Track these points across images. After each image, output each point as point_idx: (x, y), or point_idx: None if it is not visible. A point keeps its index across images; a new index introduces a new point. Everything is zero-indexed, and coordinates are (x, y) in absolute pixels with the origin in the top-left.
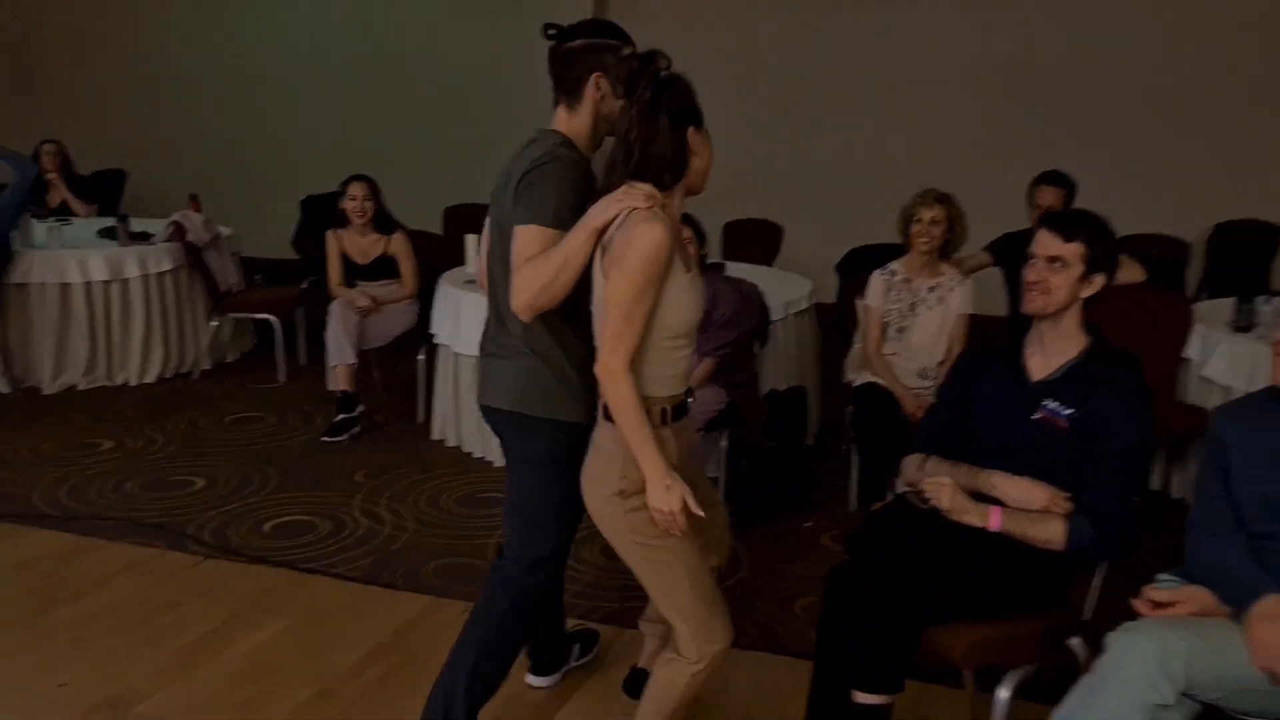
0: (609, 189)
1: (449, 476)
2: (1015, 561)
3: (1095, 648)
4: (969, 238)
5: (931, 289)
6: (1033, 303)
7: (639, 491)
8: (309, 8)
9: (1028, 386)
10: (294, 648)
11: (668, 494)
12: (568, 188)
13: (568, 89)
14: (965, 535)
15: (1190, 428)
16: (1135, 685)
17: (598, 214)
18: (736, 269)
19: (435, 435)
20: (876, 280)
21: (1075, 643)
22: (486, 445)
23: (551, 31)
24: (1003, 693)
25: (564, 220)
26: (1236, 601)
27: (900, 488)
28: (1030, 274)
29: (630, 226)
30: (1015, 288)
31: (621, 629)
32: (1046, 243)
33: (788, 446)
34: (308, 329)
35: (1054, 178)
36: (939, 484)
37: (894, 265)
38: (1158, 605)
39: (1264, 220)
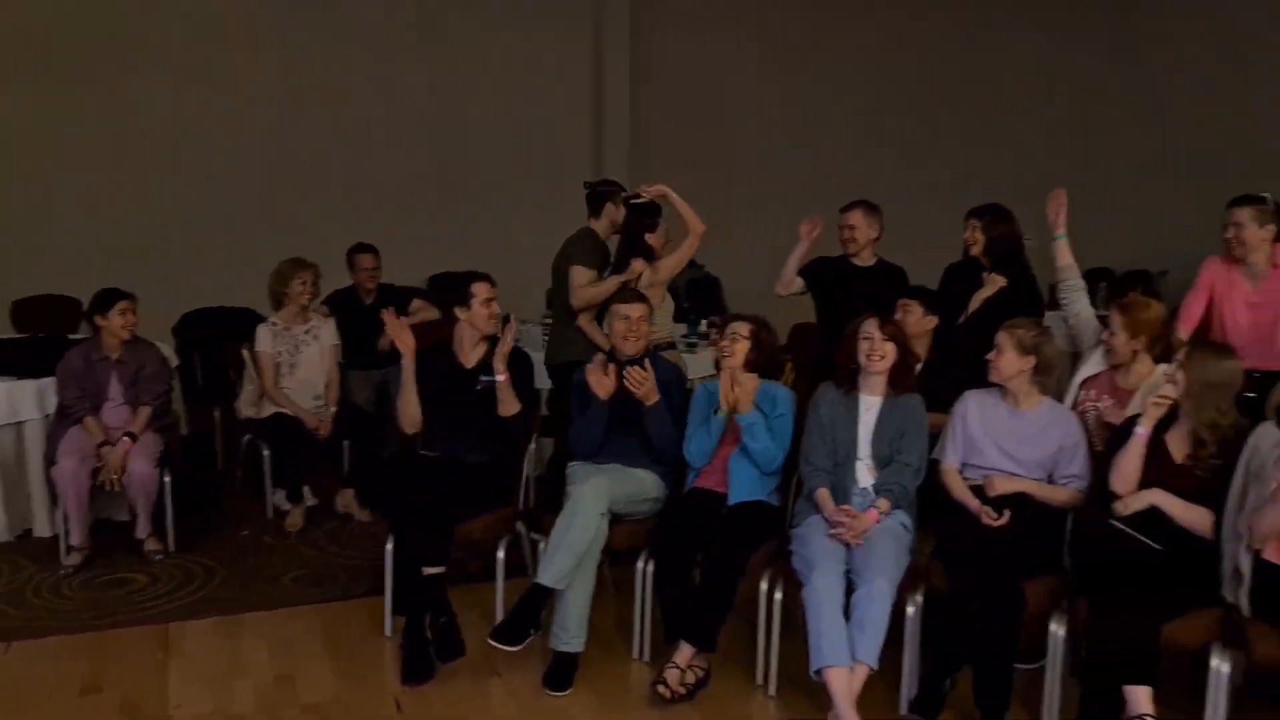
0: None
1: None
2: (484, 477)
3: (531, 525)
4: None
5: (307, 331)
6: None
7: None
8: None
9: (466, 371)
10: None
11: None
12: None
13: (593, 210)
14: (453, 465)
15: None
16: (590, 502)
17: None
18: None
19: None
20: (264, 331)
21: (519, 524)
22: None
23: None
24: (500, 553)
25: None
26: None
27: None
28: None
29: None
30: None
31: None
32: (480, 289)
33: (205, 477)
34: None
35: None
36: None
37: (273, 318)
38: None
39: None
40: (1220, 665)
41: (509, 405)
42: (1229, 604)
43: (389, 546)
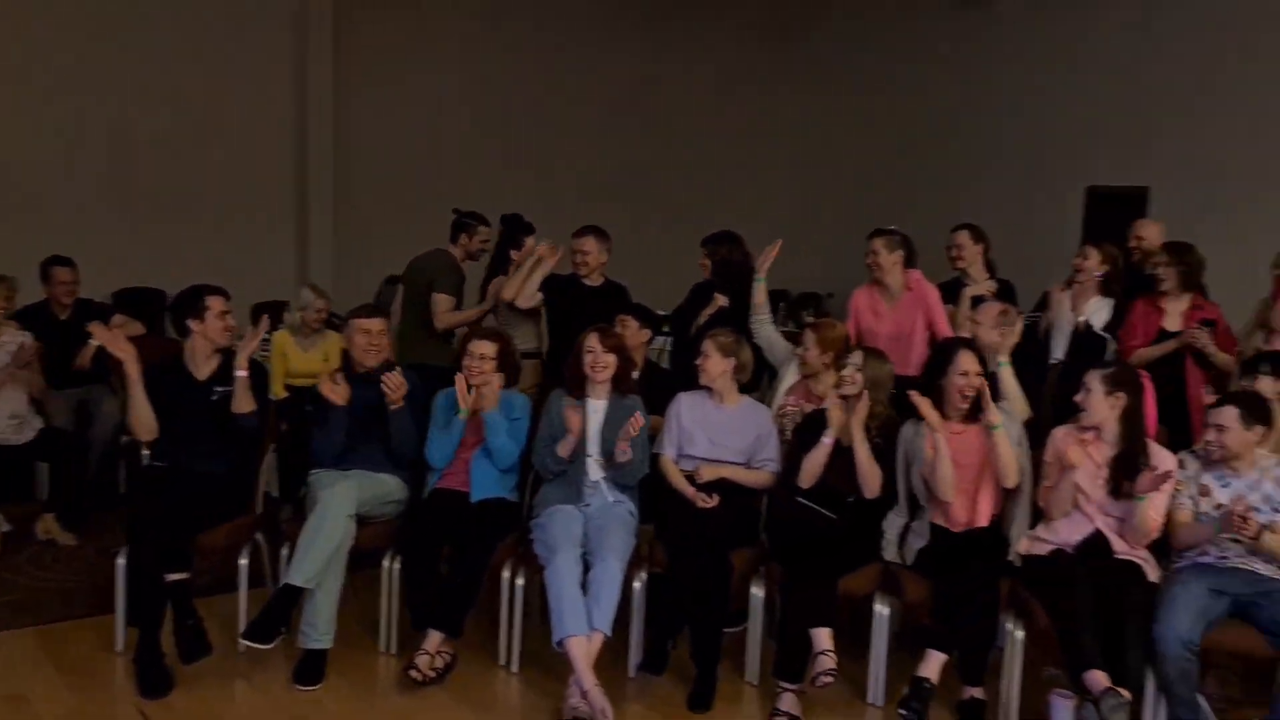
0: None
1: None
2: (221, 486)
3: (271, 539)
4: None
5: None
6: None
7: None
8: None
9: (200, 385)
10: None
11: None
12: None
13: (453, 235)
14: (187, 475)
15: None
16: (339, 504)
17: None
18: None
19: None
20: None
21: (258, 536)
22: None
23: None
24: (242, 560)
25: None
26: None
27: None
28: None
29: None
30: None
31: None
32: (215, 302)
33: None
34: None
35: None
36: None
37: None
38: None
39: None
40: (881, 609)
41: (244, 402)
42: (887, 561)
43: (120, 561)
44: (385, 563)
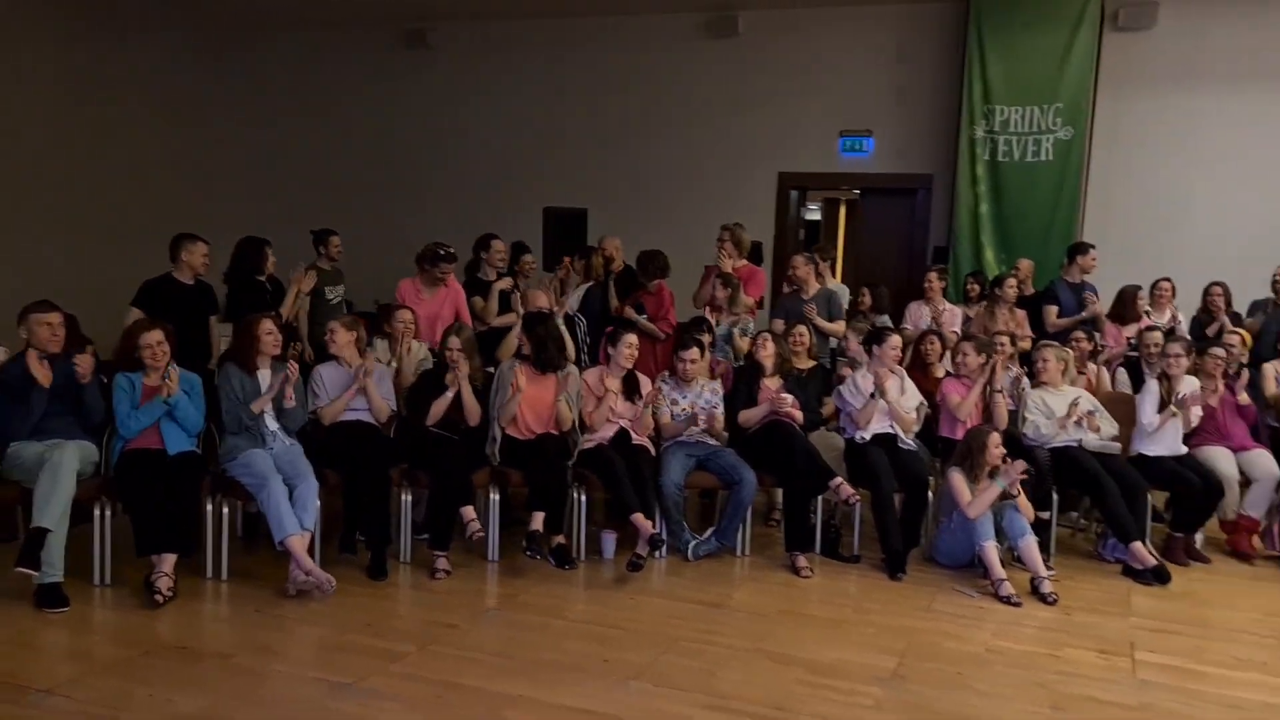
0: None
1: None
2: None
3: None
4: None
5: None
6: None
7: None
8: None
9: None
10: None
11: None
12: None
13: None
14: None
15: None
16: (70, 462)
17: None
18: None
19: None
20: None
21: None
22: None
23: None
24: (96, 511)
25: None
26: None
27: None
28: None
29: None
30: None
31: None
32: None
33: None
34: None
35: None
36: None
37: None
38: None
39: None
40: (493, 494)
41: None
42: (493, 466)
43: None
44: (96, 511)
